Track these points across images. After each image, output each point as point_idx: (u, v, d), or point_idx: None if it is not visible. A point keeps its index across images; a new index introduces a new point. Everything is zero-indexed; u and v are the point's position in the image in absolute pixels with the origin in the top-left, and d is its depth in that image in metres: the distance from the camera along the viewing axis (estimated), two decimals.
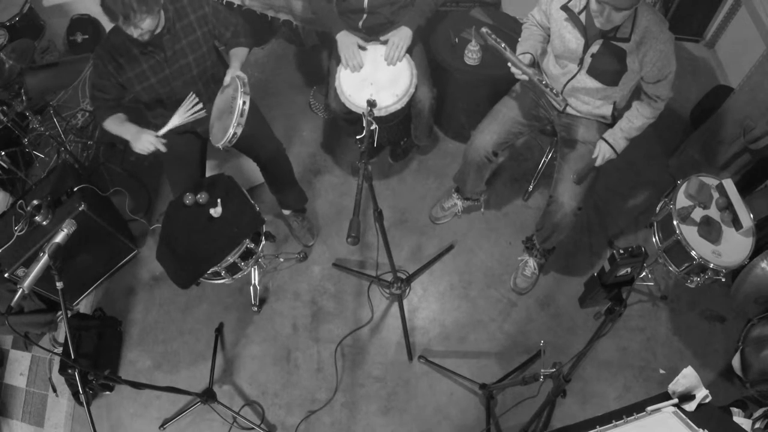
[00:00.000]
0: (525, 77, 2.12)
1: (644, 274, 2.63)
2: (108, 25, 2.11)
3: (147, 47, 2.14)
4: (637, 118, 2.18)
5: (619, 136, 2.21)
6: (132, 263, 3.01)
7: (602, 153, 2.22)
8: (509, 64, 2.11)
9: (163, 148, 2.20)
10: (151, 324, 2.84)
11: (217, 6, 2.26)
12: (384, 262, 2.35)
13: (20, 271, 2.50)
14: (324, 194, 3.10)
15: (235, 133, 2.11)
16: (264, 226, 2.37)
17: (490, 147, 2.40)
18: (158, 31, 2.11)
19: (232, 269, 2.30)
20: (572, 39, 2.08)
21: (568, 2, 2.05)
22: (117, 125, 2.27)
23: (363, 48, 2.53)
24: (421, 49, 2.64)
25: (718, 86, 3.11)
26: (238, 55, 2.30)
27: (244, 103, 2.09)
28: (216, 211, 2.25)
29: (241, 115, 2.09)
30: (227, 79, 2.22)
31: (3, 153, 3.01)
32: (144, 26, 2.00)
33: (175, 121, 2.22)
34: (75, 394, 2.63)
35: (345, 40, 2.49)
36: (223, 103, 2.25)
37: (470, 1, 3.09)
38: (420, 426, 2.48)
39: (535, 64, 2.25)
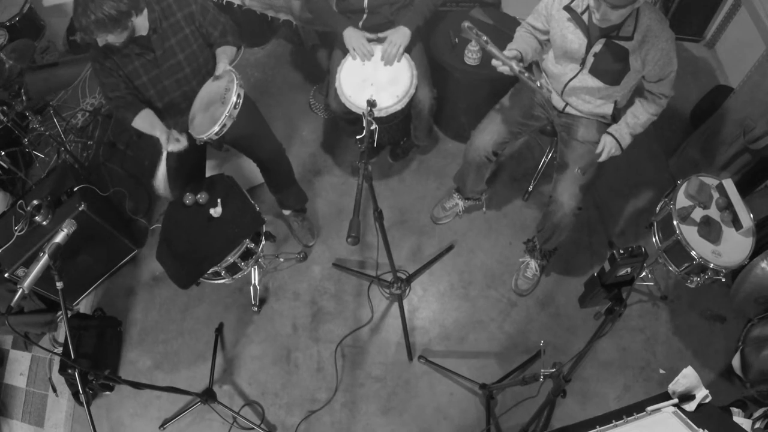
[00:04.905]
0: (506, 69, 2.05)
1: (644, 274, 2.63)
2: None
3: (135, 48, 2.13)
4: (642, 114, 2.18)
5: (625, 131, 2.20)
6: (132, 263, 3.01)
7: (607, 147, 2.19)
8: (493, 60, 2.06)
9: (182, 145, 2.19)
10: (151, 324, 2.84)
11: (205, 5, 2.23)
12: (384, 262, 2.35)
13: (20, 271, 2.50)
14: (324, 194, 3.10)
15: (224, 125, 2.06)
16: (264, 226, 2.37)
17: (490, 147, 2.40)
18: (144, 33, 2.11)
19: (232, 269, 2.30)
20: (574, 39, 2.08)
21: (571, 2, 2.06)
22: (147, 126, 2.23)
23: (371, 40, 2.53)
24: (421, 49, 2.64)
25: (718, 86, 3.11)
26: (227, 52, 2.27)
27: (239, 96, 2.05)
28: (216, 211, 2.25)
29: (234, 108, 2.05)
30: (219, 71, 2.18)
31: (3, 153, 3.01)
32: (108, 39, 2.00)
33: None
34: (75, 394, 2.63)
35: (353, 34, 2.50)
36: (212, 94, 2.19)
37: (470, 1, 3.09)
38: (420, 426, 2.48)
39: (520, 60, 2.19)
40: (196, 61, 2.26)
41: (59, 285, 1.70)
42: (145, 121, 2.23)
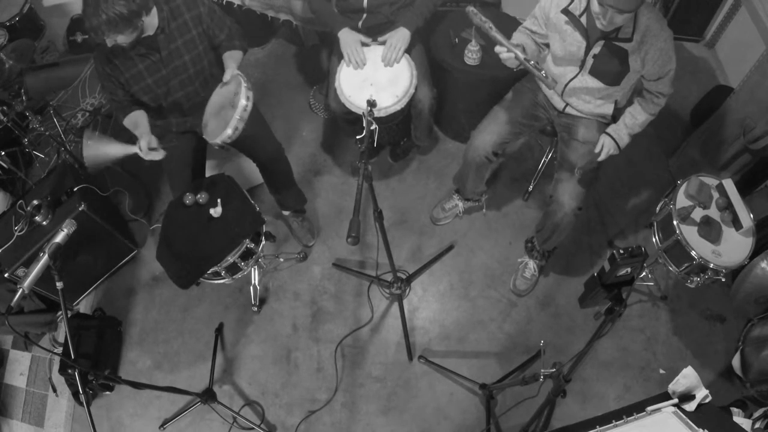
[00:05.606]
0: (511, 56, 1.98)
1: (644, 274, 2.63)
2: None
3: (141, 49, 2.13)
4: (640, 113, 2.18)
5: (623, 132, 2.21)
6: (132, 263, 3.01)
7: (606, 147, 2.20)
8: (497, 47, 1.99)
9: (159, 156, 2.18)
10: (151, 324, 2.84)
11: (212, 7, 2.25)
12: (384, 262, 2.35)
13: (20, 271, 2.50)
14: (324, 194, 3.10)
15: (236, 128, 2.06)
16: (264, 226, 2.37)
17: (490, 147, 2.40)
18: (151, 33, 2.11)
19: (232, 269, 2.30)
20: (573, 42, 2.08)
21: (569, 5, 2.05)
22: (131, 125, 2.25)
23: (366, 44, 2.53)
24: (421, 50, 2.64)
25: (718, 86, 3.11)
26: (234, 57, 2.28)
27: (247, 99, 2.06)
28: (216, 211, 2.24)
29: (244, 111, 2.06)
30: (227, 77, 2.19)
31: (3, 153, 3.01)
32: (118, 40, 2.00)
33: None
34: (75, 394, 2.63)
35: (347, 38, 2.49)
36: (222, 99, 2.22)
37: (470, 2, 3.09)
38: (420, 426, 2.48)
39: (523, 51, 2.10)
40: (201, 63, 2.27)
41: (59, 285, 1.70)
42: (131, 120, 2.25)
